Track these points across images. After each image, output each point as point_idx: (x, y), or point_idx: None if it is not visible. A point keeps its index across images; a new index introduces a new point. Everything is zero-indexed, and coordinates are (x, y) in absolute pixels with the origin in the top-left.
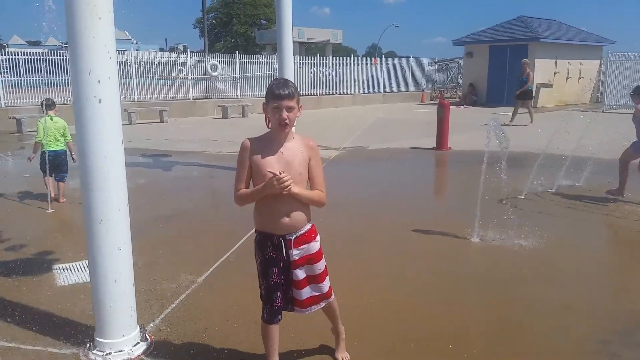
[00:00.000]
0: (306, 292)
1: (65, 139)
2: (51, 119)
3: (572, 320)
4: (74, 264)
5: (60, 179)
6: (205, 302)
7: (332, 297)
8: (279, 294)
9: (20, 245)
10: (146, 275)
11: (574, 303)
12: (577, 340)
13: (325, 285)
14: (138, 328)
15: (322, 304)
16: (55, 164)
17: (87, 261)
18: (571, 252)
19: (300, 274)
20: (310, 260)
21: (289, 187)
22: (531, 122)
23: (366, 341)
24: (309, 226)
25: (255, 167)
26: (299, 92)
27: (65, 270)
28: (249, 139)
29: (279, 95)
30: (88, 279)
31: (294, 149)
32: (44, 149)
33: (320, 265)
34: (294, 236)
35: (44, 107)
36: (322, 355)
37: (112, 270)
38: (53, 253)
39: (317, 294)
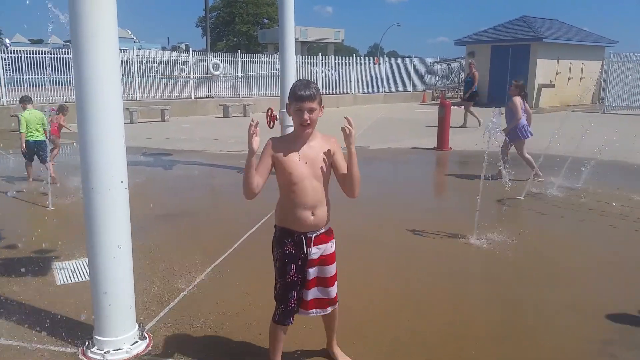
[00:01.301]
0: (312, 293)
1: (44, 128)
2: (30, 112)
3: (575, 320)
4: (73, 262)
5: (43, 161)
6: (204, 301)
7: (337, 304)
8: (294, 293)
9: (20, 242)
10: (146, 274)
11: (576, 303)
12: (579, 340)
13: (334, 290)
14: (137, 326)
15: (329, 310)
16: (39, 151)
17: (87, 259)
18: (572, 252)
19: (312, 273)
20: (324, 261)
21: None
22: (464, 125)
23: (368, 340)
24: (329, 226)
25: (279, 165)
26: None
27: (65, 268)
28: (272, 138)
29: (300, 97)
30: (88, 277)
31: (317, 147)
32: (28, 139)
33: (332, 269)
34: (315, 234)
35: (24, 103)
36: (324, 357)
37: (112, 269)
38: (53, 251)
39: (324, 297)
